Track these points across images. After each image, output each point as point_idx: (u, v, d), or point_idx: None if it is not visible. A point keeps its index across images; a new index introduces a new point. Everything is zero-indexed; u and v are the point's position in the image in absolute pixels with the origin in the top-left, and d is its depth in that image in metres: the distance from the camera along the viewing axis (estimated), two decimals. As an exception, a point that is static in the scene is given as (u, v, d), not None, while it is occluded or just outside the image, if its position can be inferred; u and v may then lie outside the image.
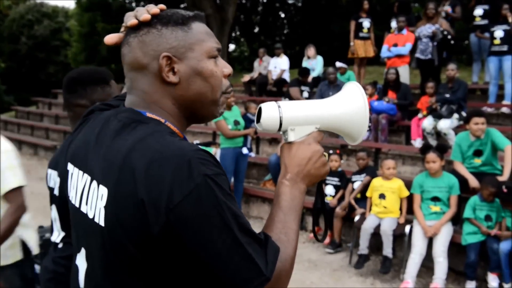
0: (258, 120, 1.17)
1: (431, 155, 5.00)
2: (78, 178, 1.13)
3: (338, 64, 9.34)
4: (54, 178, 1.94)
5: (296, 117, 1.18)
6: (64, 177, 1.24)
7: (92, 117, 1.24)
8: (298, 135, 1.19)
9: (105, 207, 1.00)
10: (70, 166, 1.19)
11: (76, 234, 1.16)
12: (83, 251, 1.11)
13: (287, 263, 1.05)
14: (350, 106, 1.21)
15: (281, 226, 1.08)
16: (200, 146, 1.00)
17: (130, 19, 1.09)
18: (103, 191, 1.01)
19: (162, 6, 1.10)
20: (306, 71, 9.46)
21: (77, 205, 1.13)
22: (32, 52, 27.97)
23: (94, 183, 1.05)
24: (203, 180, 0.92)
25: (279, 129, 1.18)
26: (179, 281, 0.99)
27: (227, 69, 1.16)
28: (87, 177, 1.09)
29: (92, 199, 1.05)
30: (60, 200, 1.89)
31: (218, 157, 7.72)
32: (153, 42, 1.07)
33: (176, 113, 1.11)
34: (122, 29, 1.13)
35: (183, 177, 0.92)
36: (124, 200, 0.95)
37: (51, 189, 1.97)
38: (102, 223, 1.00)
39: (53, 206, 1.98)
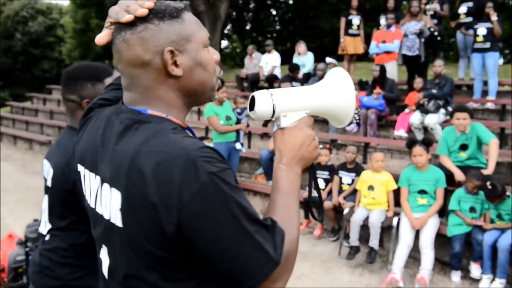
0: (252, 108, 1.21)
1: (418, 149, 5.11)
2: (90, 180, 1.17)
3: (328, 59, 9.46)
4: (47, 169, 1.97)
5: (288, 104, 1.22)
6: (74, 177, 1.32)
7: (94, 115, 1.26)
8: (290, 121, 1.24)
9: (121, 209, 1.03)
10: (80, 168, 1.23)
11: (96, 232, 1.20)
12: (104, 248, 1.16)
13: (293, 244, 1.09)
14: (337, 91, 1.27)
15: (283, 210, 1.12)
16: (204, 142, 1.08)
17: (122, 15, 1.08)
18: (117, 194, 1.04)
19: None
20: (296, 67, 9.57)
21: (92, 205, 1.18)
22: (26, 49, 27.95)
23: (106, 185, 1.09)
24: (209, 178, 0.95)
25: (272, 116, 1.22)
26: (194, 272, 1.04)
27: (216, 55, 1.20)
28: (98, 179, 1.13)
29: (106, 201, 1.09)
30: (53, 190, 1.92)
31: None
32: (153, 38, 1.07)
33: (179, 104, 1.14)
34: (108, 24, 1.13)
35: (190, 177, 0.95)
36: (137, 204, 0.99)
37: (45, 179, 2.01)
38: (119, 224, 1.05)
39: (45, 196, 2.01)
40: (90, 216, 1.24)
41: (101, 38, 1.12)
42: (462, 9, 8.62)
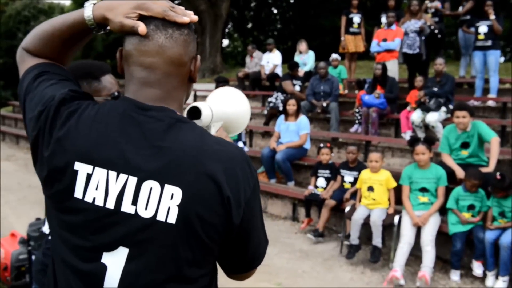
0: (198, 117, 1.32)
1: (421, 147, 5.12)
2: (105, 178, 1.10)
3: (334, 55, 9.49)
4: None
5: (217, 115, 1.39)
6: (57, 176, 1.14)
7: (79, 108, 1.17)
8: (215, 130, 1.40)
9: (179, 205, 1.06)
10: (79, 165, 1.11)
11: (103, 234, 1.11)
12: (122, 250, 1.10)
13: None
14: (244, 106, 1.50)
15: None
16: None
17: (175, 14, 1.14)
18: (175, 190, 1.06)
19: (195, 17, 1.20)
20: (295, 65, 9.60)
21: (111, 206, 1.09)
22: (29, 48, 28.00)
23: (150, 182, 1.07)
24: (256, 175, 1.16)
25: (209, 124, 1.38)
26: (211, 268, 1.19)
27: None
28: (126, 177, 1.08)
29: (150, 198, 1.07)
30: None
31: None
32: (192, 44, 1.18)
33: (182, 108, 1.24)
34: (136, 15, 1.14)
35: (248, 174, 1.12)
36: (206, 199, 1.07)
37: None
38: (172, 221, 1.06)
39: None
40: (85, 218, 1.12)
41: (144, 28, 1.12)
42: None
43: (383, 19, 9.24)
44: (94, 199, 1.10)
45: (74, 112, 1.15)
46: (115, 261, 1.10)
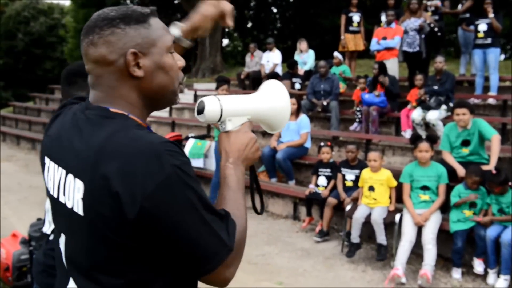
0: (201, 112, 1.31)
1: (425, 145, 5.11)
2: (54, 171, 1.23)
3: (335, 54, 9.51)
4: None
5: (233, 109, 1.34)
6: (42, 169, 1.33)
7: (63, 111, 1.33)
8: (234, 125, 1.35)
9: (83, 199, 1.10)
10: (46, 160, 1.28)
11: (56, 221, 1.29)
12: (63, 236, 1.24)
13: (243, 233, 1.23)
14: (277, 102, 1.41)
15: (233, 203, 1.25)
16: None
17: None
18: (79, 184, 1.11)
19: None
20: (294, 63, 9.60)
21: (55, 195, 1.23)
22: (28, 49, 28.05)
23: (70, 176, 1.15)
24: (172, 170, 1.05)
25: (219, 120, 1.33)
26: (156, 259, 1.12)
27: (181, 61, 1.29)
28: (62, 170, 1.19)
29: (69, 190, 1.15)
30: None
31: (212, 150, 7.84)
32: (119, 41, 1.15)
33: (140, 105, 1.21)
34: None
35: (155, 168, 1.04)
36: (100, 193, 1.06)
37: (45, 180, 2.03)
38: (81, 213, 1.11)
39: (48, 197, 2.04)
40: (51, 206, 1.30)
41: None
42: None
43: (383, 18, 9.25)
44: (50, 188, 1.27)
45: (58, 116, 1.32)
46: (62, 245, 1.25)
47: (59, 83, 2.20)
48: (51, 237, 1.98)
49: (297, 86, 9.33)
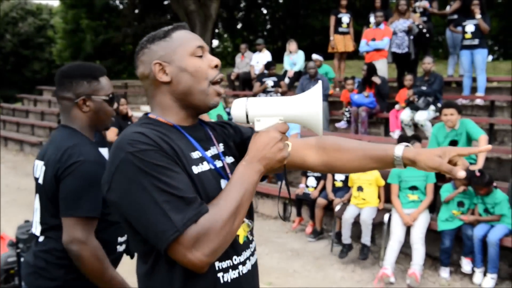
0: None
1: (417, 145, 5.15)
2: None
3: (314, 56, 9.54)
4: (40, 168, 1.99)
5: (260, 110, 1.38)
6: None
7: None
8: (263, 125, 1.38)
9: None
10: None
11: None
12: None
13: (217, 223, 1.22)
14: (307, 107, 1.38)
15: (223, 193, 1.29)
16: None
17: None
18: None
19: None
20: (270, 64, 9.69)
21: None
22: (16, 50, 27.79)
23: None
24: (124, 156, 1.23)
25: (247, 120, 1.39)
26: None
27: (214, 61, 1.42)
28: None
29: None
30: (44, 187, 1.94)
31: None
32: (147, 57, 1.41)
33: (175, 107, 1.41)
34: None
35: (115, 156, 1.25)
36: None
37: (36, 179, 2.02)
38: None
39: (37, 196, 2.03)
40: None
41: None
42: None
43: (372, 19, 9.29)
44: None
45: None
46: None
47: (47, 84, 2.21)
48: (40, 239, 1.98)
49: (270, 83, 9.40)
